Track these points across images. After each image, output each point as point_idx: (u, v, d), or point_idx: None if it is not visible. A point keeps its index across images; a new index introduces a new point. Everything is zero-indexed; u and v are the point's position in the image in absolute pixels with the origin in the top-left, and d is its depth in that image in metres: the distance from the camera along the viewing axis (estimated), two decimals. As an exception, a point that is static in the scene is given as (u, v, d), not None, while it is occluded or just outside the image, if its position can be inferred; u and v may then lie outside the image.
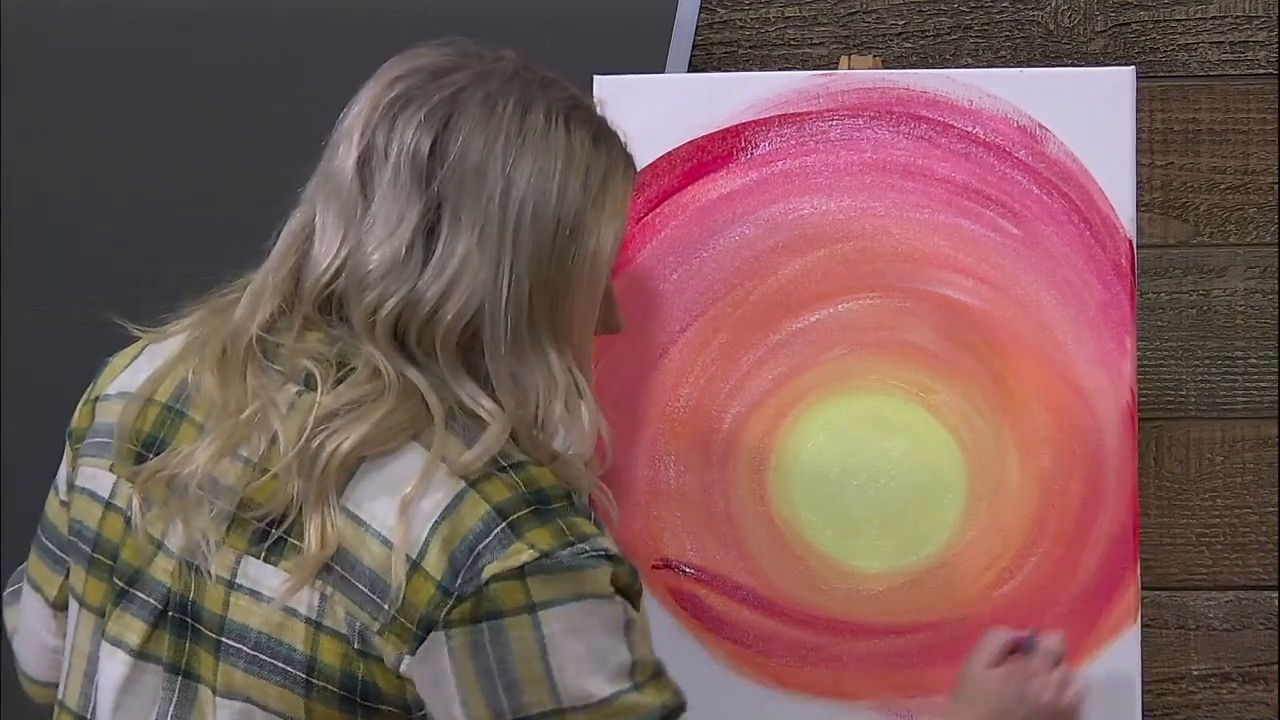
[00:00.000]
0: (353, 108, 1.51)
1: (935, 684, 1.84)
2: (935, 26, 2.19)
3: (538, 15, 2.18)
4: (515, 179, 1.47)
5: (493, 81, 1.50)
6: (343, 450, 1.43)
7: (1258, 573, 2.19)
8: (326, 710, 1.45)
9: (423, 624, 1.41)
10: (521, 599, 1.41)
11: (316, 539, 1.43)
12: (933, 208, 1.87)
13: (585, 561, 1.43)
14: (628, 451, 1.88)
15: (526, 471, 1.45)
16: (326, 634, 1.44)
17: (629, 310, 1.88)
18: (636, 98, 1.90)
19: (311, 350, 1.48)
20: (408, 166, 1.46)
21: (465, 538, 1.41)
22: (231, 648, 1.47)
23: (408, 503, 1.42)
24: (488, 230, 1.46)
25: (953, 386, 1.86)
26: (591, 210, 1.50)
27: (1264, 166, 2.18)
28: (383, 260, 1.45)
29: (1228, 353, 2.18)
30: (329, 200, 1.49)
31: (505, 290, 1.46)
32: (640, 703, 1.45)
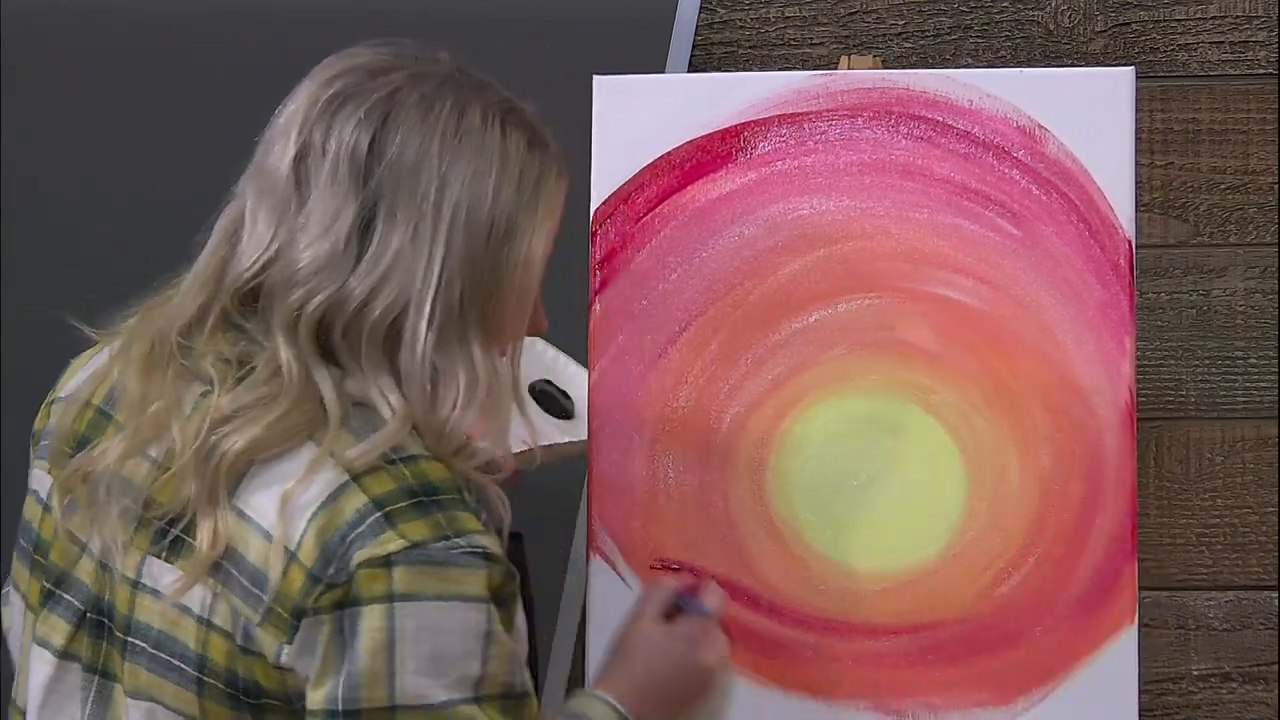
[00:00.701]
0: (288, 105, 1.53)
1: (935, 684, 1.84)
2: (935, 26, 2.19)
3: (538, 15, 2.18)
4: (450, 179, 1.48)
5: (429, 82, 1.51)
6: (234, 452, 1.45)
7: (1258, 573, 2.19)
8: (218, 708, 1.47)
9: (295, 612, 1.43)
10: (382, 588, 1.42)
11: (207, 538, 1.45)
12: (932, 208, 1.87)
13: (456, 557, 1.44)
14: (627, 451, 1.88)
15: (417, 465, 1.47)
16: (215, 632, 1.46)
17: (629, 310, 1.89)
18: (636, 98, 1.90)
19: (217, 351, 1.50)
20: (345, 163, 1.48)
21: (340, 527, 1.43)
22: (136, 647, 1.50)
23: (289, 496, 1.44)
24: (421, 229, 1.47)
25: (953, 386, 1.86)
26: (525, 213, 1.51)
27: (1264, 166, 2.18)
28: (315, 257, 1.47)
29: (1228, 353, 2.19)
30: (261, 196, 1.50)
31: (435, 289, 1.47)
32: (473, 716, 1.44)
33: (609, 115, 1.90)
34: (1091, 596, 1.83)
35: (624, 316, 1.89)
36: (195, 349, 1.50)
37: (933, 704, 1.84)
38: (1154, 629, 2.18)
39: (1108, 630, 1.83)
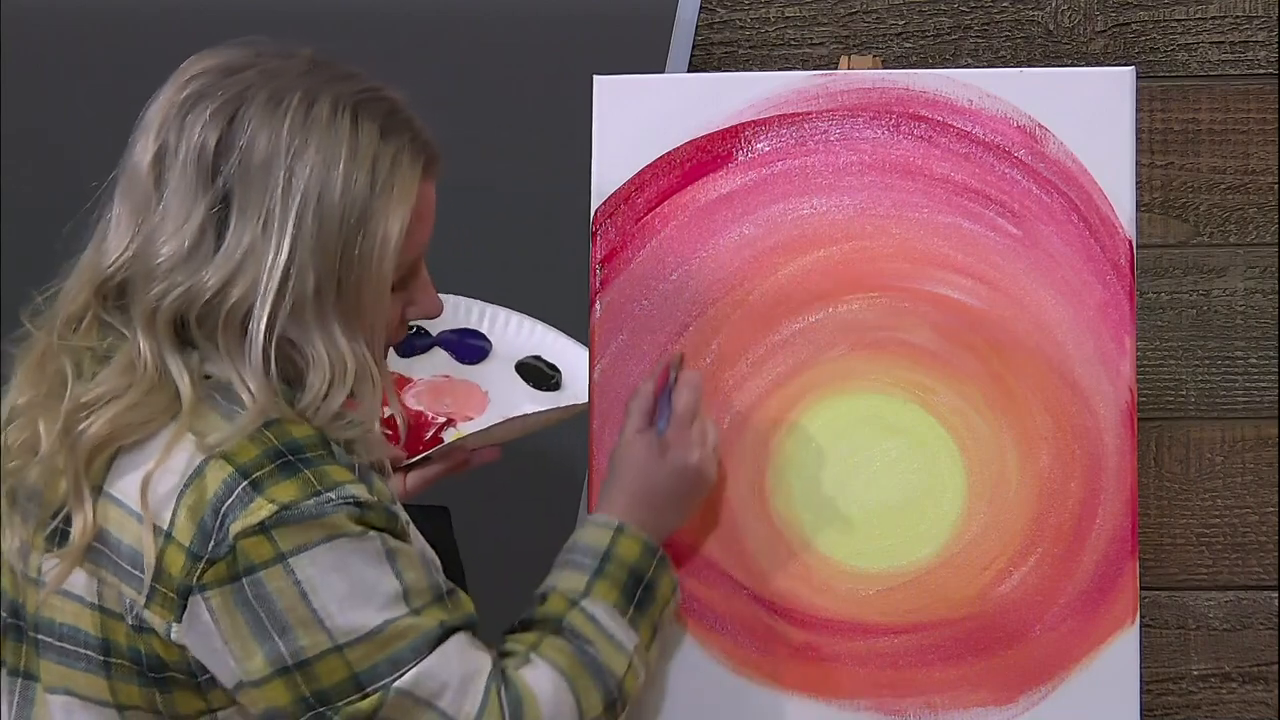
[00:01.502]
0: (151, 105, 1.58)
1: (934, 684, 1.84)
2: (935, 26, 2.19)
3: (538, 15, 2.18)
4: (297, 170, 1.52)
5: (282, 77, 1.55)
6: (91, 438, 1.49)
7: (1258, 573, 2.19)
8: (128, 687, 1.51)
9: (180, 591, 1.47)
10: (269, 551, 1.47)
11: (79, 526, 1.50)
12: (932, 208, 1.87)
13: (329, 509, 1.48)
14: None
15: (280, 426, 1.51)
16: (109, 615, 1.51)
17: (630, 310, 1.89)
18: (636, 98, 1.90)
19: (87, 345, 1.55)
20: (194, 163, 1.52)
21: (210, 502, 1.48)
22: (45, 643, 1.54)
23: (150, 476, 1.48)
24: (270, 221, 1.51)
25: (953, 386, 1.86)
26: (378, 199, 1.55)
27: (1264, 166, 2.18)
28: (170, 254, 1.51)
29: (1228, 353, 2.19)
30: (124, 195, 1.56)
31: (288, 279, 1.51)
32: (416, 624, 1.50)
33: (609, 115, 1.90)
34: (1091, 596, 1.83)
35: (624, 316, 1.88)
36: (68, 348, 1.54)
37: (933, 704, 1.84)
38: (1154, 629, 2.18)
39: (1108, 630, 1.83)
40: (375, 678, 1.48)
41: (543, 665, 1.58)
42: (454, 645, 1.52)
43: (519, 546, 2.01)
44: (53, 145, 2.20)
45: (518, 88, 2.16)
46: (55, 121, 2.20)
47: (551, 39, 2.18)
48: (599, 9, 2.16)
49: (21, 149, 2.19)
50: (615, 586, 1.65)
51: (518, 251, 2.25)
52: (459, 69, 2.20)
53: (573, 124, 1.93)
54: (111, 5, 2.19)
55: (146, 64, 2.19)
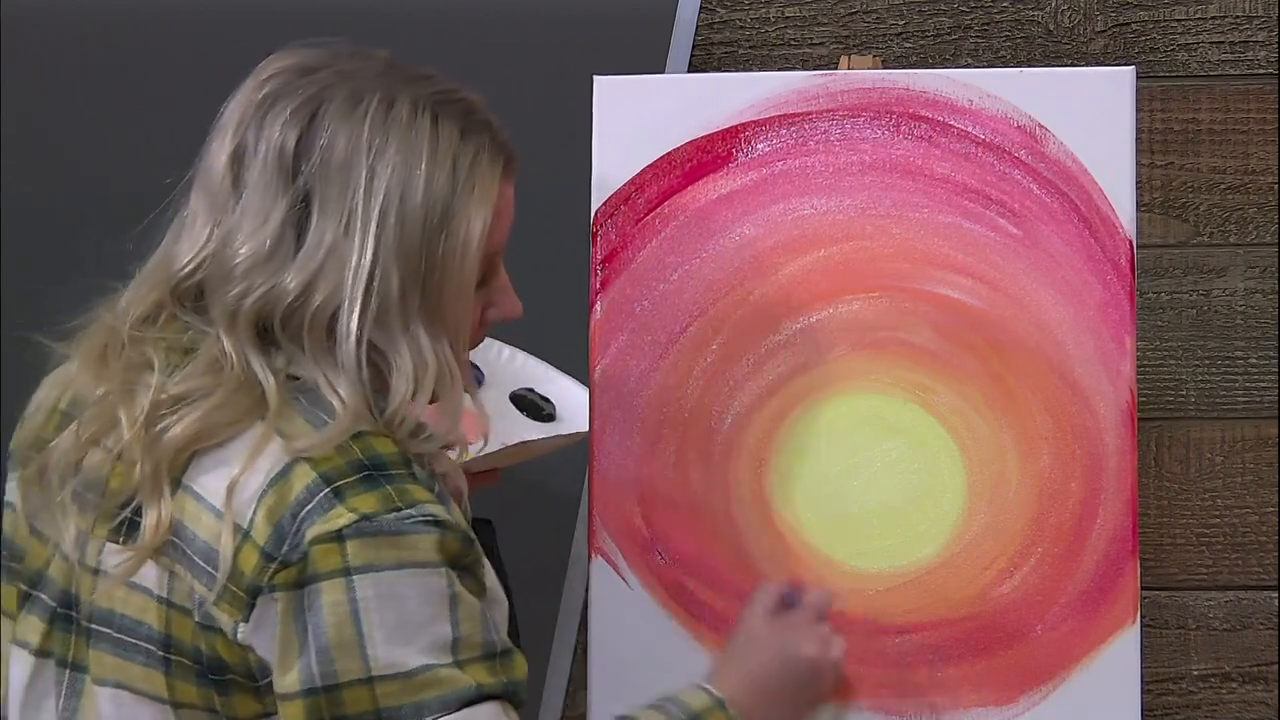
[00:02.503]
0: (228, 105, 1.57)
1: (935, 684, 1.84)
2: (935, 26, 2.19)
3: (538, 15, 2.18)
4: (379, 170, 1.51)
5: (360, 78, 1.54)
6: (177, 438, 1.48)
7: (1258, 573, 2.19)
8: (185, 685, 1.49)
9: (250, 590, 1.45)
10: (337, 562, 1.44)
11: (153, 518, 1.48)
12: (932, 208, 1.87)
13: (408, 526, 1.45)
14: (629, 451, 1.88)
15: (364, 440, 1.49)
16: (176, 610, 1.48)
17: (630, 310, 1.89)
18: (636, 98, 1.90)
19: (166, 340, 1.53)
20: (274, 162, 1.51)
21: (290, 505, 1.45)
22: (100, 633, 1.52)
23: (237, 475, 1.47)
24: (353, 222, 1.50)
25: (953, 386, 1.86)
26: (460, 199, 1.54)
27: (1264, 166, 2.18)
28: (249, 254, 1.50)
29: (1228, 353, 2.19)
30: (200, 195, 1.54)
31: (372, 280, 1.50)
32: (453, 678, 1.45)
33: (609, 115, 1.90)
34: (1092, 596, 1.83)
35: (625, 316, 1.89)
36: (145, 341, 1.53)
37: (933, 704, 1.84)
38: (1154, 629, 2.18)
39: (1108, 630, 1.83)
40: (396, 718, 1.44)
41: None
42: (484, 712, 1.46)
43: (518, 548, 2.01)
44: (53, 145, 2.20)
45: (518, 88, 2.16)
46: (55, 121, 2.21)
47: (551, 39, 2.18)
48: (599, 9, 2.17)
49: (21, 149, 2.19)
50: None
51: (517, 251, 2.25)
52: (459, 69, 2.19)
53: (573, 124, 1.93)
54: (111, 5, 2.19)
55: (146, 64, 2.20)
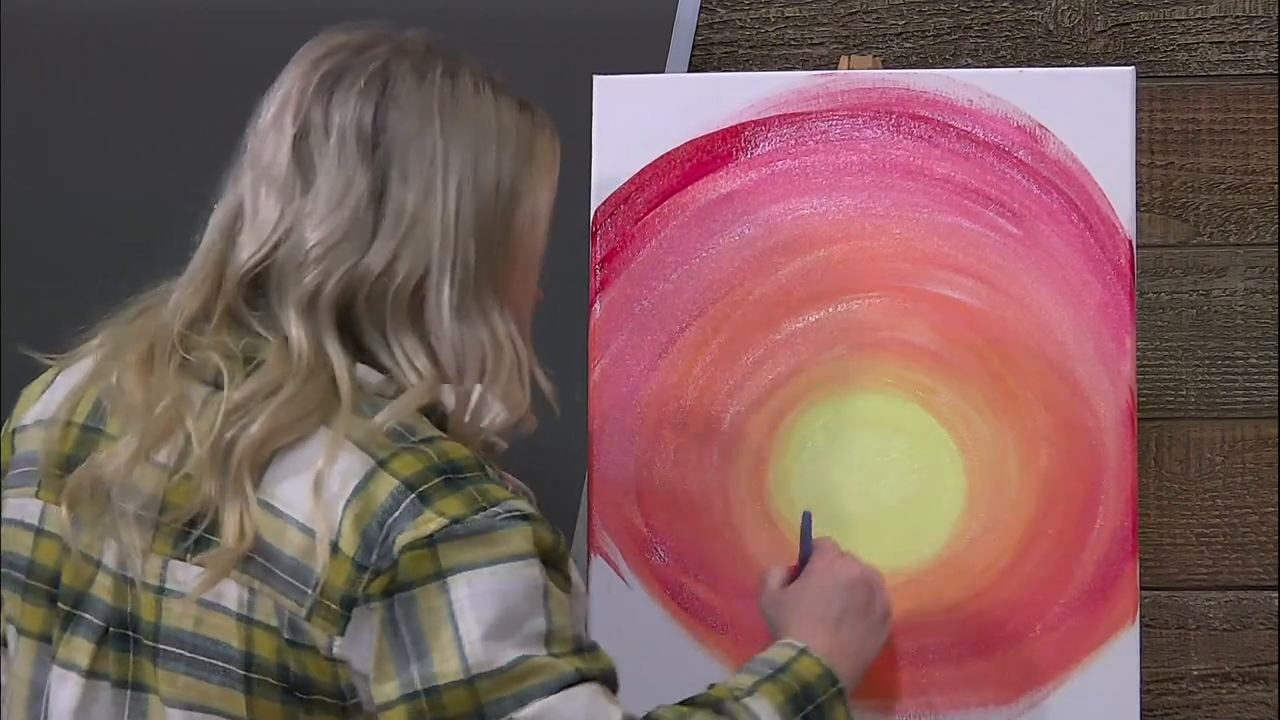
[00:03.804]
0: (276, 93, 1.53)
1: (935, 684, 1.84)
2: (935, 26, 2.19)
3: (538, 15, 2.18)
4: (454, 143, 1.50)
5: (415, 53, 1.53)
6: (253, 442, 1.44)
7: (1258, 573, 2.19)
8: (268, 704, 1.46)
9: (344, 603, 1.42)
10: (430, 568, 1.42)
11: (233, 533, 1.44)
12: (932, 208, 1.87)
13: (499, 523, 1.43)
14: (628, 451, 1.88)
15: (437, 445, 1.47)
16: (259, 628, 1.45)
17: (630, 310, 1.89)
18: (636, 98, 1.90)
19: (224, 346, 1.49)
20: (352, 136, 1.49)
21: (376, 513, 1.43)
22: (170, 653, 1.48)
23: (319, 486, 1.43)
24: (432, 190, 1.49)
25: (953, 386, 1.86)
26: (526, 171, 1.53)
27: (1264, 166, 2.18)
28: (329, 233, 1.48)
29: (1228, 353, 2.18)
30: (259, 185, 1.51)
31: (453, 253, 1.48)
32: (552, 665, 1.43)
33: (609, 115, 1.90)
34: (1092, 596, 1.83)
35: (624, 316, 1.89)
36: (199, 346, 1.50)
37: (933, 704, 1.84)
38: (1154, 629, 2.18)
39: (1108, 630, 1.83)
40: (499, 711, 1.41)
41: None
42: (585, 691, 1.44)
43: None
44: (53, 145, 2.20)
45: (518, 88, 2.16)
46: (55, 121, 2.20)
47: (551, 39, 2.17)
48: (599, 9, 2.16)
49: (21, 149, 2.19)
50: (783, 692, 1.58)
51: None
52: (459, 69, 2.20)
53: (573, 124, 1.93)
54: (111, 5, 2.19)
55: (146, 64, 2.20)
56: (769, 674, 1.59)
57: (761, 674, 1.59)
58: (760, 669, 1.60)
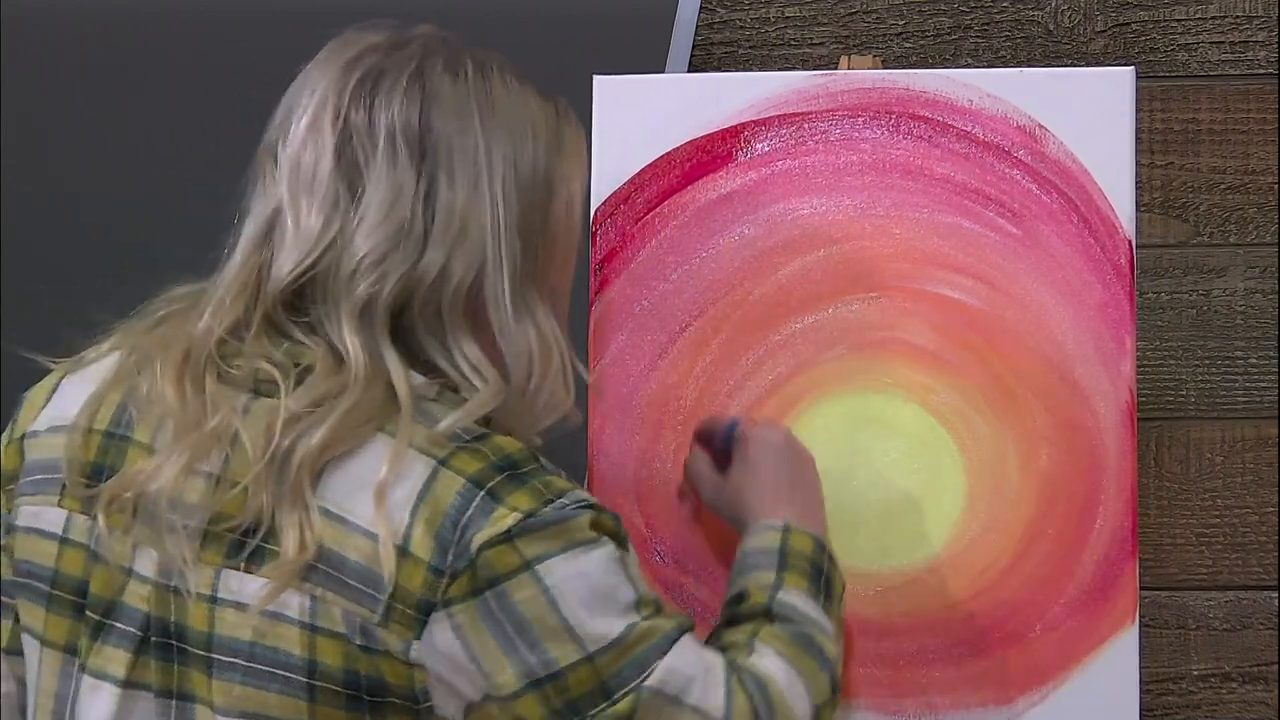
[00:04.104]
0: (309, 98, 1.51)
1: (934, 684, 1.84)
2: (935, 26, 2.19)
3: (538, 15, 2.18)
4: (494, 140, 1.49)
5: (442, 50, 1.52)
6: (311, 452, 1.43)
7: (1258, 573, 2.19)
8: (332, 712, 1.45)
9: (421, 608, 1.42)
10: (515, 560, 1.42)
11: (295, 543, 1.43)
12: (932, 208, 1.87)
13: (569, 513, 1.44)
14: (628, 451, 1.88)
15: (490, 441, 1.46)
16: (323, 635, 1.44)
17: (630, 310, 1.89)
18: (636, 98, 1.90)
19: (268, 354, 1.48)
20: (400, 139, 1.48)
21: (447, 514, 1.42)
22: (225, 663, 1.46)
23: (383, 491, 1.42)
24: (479, 189, 1.48)
25: (953, 386, 1.86)
26: (558, 161, 1.53)
27: (1264, 166, 2.18)
28: (383, 239, 1.46)
29: (1228, 353, 2.18)
30: (300, 194, 1.49)
31: (503, 247, 1.48)
32: (656, 626, 1.46)
33: (609, 115, 1.90)
34: (1092, 596, 1.83)
35: (624, 316, 1.89)
36: (239, 355, 1.48)
37: (933, 704, 1.84)
38: (1154, 629, 2.18)
39: (1108, 630, 1.83)
40: (623, 682, 1.44)
41: (769, 652, 1.55)
42: (688, 642, 1.48)
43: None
44: (53, 145, 2.20)
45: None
46: (55, 121, 2.20)
47: (551, 39, 2.17)
48: (599, 9, 2.16)
49: (21, 149, 2.19)
50: (803, 576, 1.62)
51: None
52: (459, 69, 2.20)
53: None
54: (111, 5, 2.19)
55: (146, 64, 2.20)
56: (777, 562, 1.62)
57: (769, 565, 1.62)
58: (763, 560, 1.63)
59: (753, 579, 1.61)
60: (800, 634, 1.57)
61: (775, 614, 1.58)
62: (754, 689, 1.50)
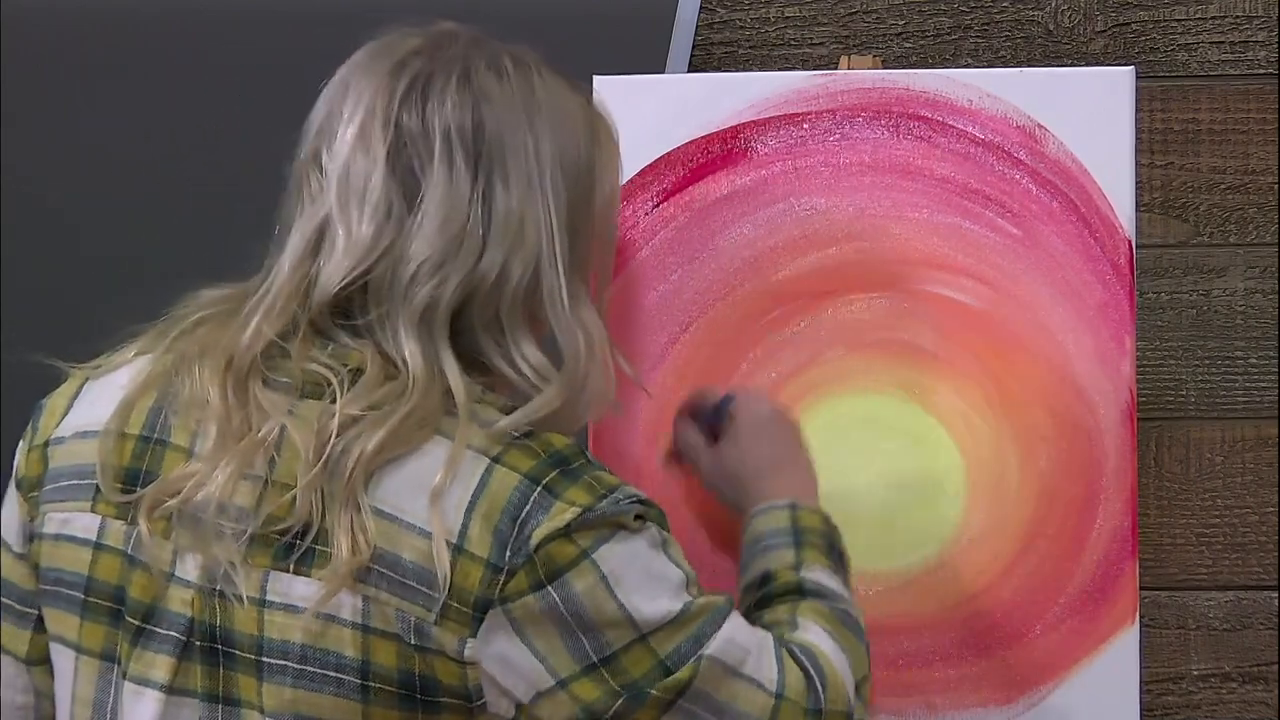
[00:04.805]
0: (355, 104, 1.50)
1: (935, 684, 1.84)
2: (935, 26, 2.19)
3: (538, 15, 2.18)
4: (541, 136, 1.49)
5: (481, 49, 1.52)
6: (366, 455, 1.43)
7: (1258, 573, 2.19)
8: (385, 713, 1.44)
9: (478, 605, 1.42)
10: (574, 551, 1.43)
11: (348, 545, 1.42)
12: (932, 208, 1.87)
13: (623, 507, 1.45)
14: (628, 451, 1.88)
15: (539, 438, 1.47)
16: (376, 635, 1.43)
17: (630, 310, 1.89)
18: (636, 98, 1.90)
19: (316, 358, 1.47)
20: (456, 142, 1.47)
21: (505, 510, 1.42)
22: (275, 666, 1.45)
23: (439, 491, 1.42)
24: (532, 188, 1.48)
25: (953, 386, 1.86)
26: (598, 152, 1.54)
27: (1264, 166, 2.18)
28: (441, 246, 1.46)
29: (1228, 353, 2.18)
30: (351, 200, 1.48)
31: (556, 245, 1.49)
32: (709, 602, 1.48)
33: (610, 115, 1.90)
34: (1092, 596, 1.83)
35: (624, 316, 1.88)
36: (287, 361, 1.48)
37: (933, 704, 1.84)
38: (1154, 629, 2.18)
39: (1108, 630, 1.83)
40: (681, 659, 1.45)
41: (813, 626, 1.56)
42: (737, 615, 1.50)
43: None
44: (53, 145, 2.20)
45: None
46: (55, 121, 2.20)
47: (551, 39, 2.17)
48: (599, 9, 2.16)
49: (21, 149, 2.19)
50: (821, 552, 1.64)
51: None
52: (459, 69, 2.20)
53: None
54: (111, 5, 2.19)
55: (146, 64, 2.20)
56: (792, 541, 1.64)
57: (785, 544, 1.63)
58: (779, 541, 1.64)
59: (774, 559, 1.62)
60: (836, 609, 1.59)
61: (807, 589, 1.60)
62: (806, 662, 1.51)
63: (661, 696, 1.45)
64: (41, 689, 1.60)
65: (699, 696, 1.46)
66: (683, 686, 1.45)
